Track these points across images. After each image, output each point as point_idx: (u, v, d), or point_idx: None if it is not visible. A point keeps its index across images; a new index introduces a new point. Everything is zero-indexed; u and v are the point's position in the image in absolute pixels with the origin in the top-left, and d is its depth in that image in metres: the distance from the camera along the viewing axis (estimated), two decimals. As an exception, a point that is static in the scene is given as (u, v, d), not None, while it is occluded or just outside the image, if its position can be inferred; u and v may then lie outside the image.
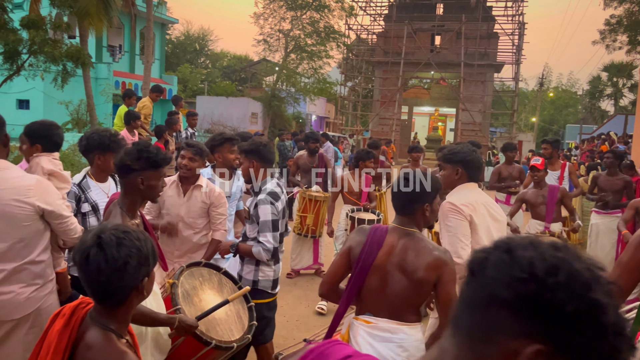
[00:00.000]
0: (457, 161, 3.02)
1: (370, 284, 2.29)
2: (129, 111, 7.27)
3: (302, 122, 30.24)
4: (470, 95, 27.54)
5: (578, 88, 49.50)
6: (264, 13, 23.38)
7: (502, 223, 3.08)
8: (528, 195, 5.30)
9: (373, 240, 2.30)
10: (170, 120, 8.14)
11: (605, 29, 29.47)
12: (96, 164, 3.30)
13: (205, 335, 2.54)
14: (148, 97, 8.70)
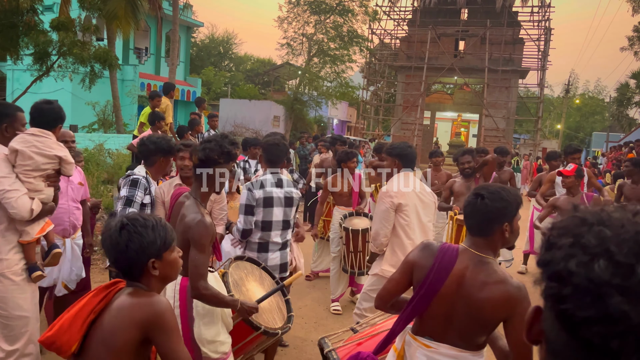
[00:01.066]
0: (395, 155, 3.74)
1: (433, 311, 2.09)
2: (154, 112, 7.40)
3: (323, 125, 30.31)
4: (494, 101, 27.23)
5: (605, 95, 48.45)
6: (288, 17, 23.56)
7: (429, 205, 3.82)
8: (560, 201, 5.24)
9: (441, 266, 2.06)
10: (193, 121, 8.27)
11: (634, 36, 28.89)
12: (158, 165, 3.67)
13: (255, 321, 2.78)
14: (165, 97, 8.80)
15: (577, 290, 0.66)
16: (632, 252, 0.66)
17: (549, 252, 0.72)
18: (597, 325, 0.64)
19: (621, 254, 0.65)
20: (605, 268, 0.65)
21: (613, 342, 0.63)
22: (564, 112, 42.36)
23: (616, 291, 0.63)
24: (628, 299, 0.62)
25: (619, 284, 0.64)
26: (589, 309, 0.64)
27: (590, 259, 0.66)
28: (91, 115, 16.29)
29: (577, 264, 0.66)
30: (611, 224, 0.70)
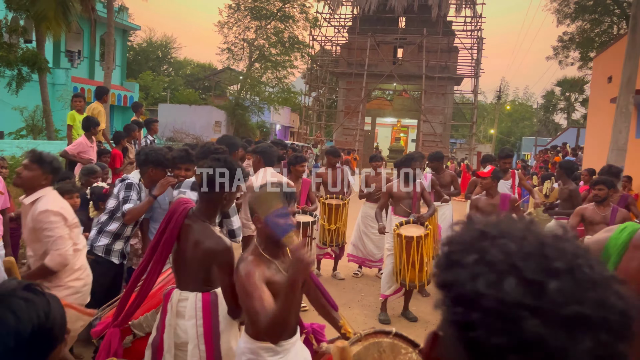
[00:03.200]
0: (258, 152, 4.59)
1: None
2: (88, 117, 7.11)
3: (266, 131, 30.20)
4: (432, 107, 28.16)
5: (533, 102, 51.29)
6: (228, 22, 23.38)
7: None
8: (480, 202, 5.43)
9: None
10: (129, 127, 8.02)
11: (559, 46, 30.72)
12: (149, 175, 3.88)
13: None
14: (97, 102, 8.49)
15: (488, 315, 0.57)
16: (540, 267, 0.59)
17: (451, 271, 0.63)
18: (512, 354, 0.56)
19: (529, 270, 0.59)
20: (515, 287, 0.57)
21: None
22: (496, 117, 44.39)
23: (529, 313, 0.56)
24: (543, 321, 0.56)
25: (531, 304, 0.56)
26: (501, 336, 0.56)
27: (499, 278, 0.58)
28: (19, 121, 15.40)
29: (487, 285, 0.58)
30: (513, 236, 0.63)
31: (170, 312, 2.53)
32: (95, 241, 3.81)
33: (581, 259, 0.61)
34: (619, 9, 26.41)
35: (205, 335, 2.49)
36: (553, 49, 31.22)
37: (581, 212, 5.27)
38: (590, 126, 16.37)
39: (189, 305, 2.49)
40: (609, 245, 1.69)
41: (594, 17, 27.64)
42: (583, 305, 0.56)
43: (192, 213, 2.59)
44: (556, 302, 0.56)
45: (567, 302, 0.56)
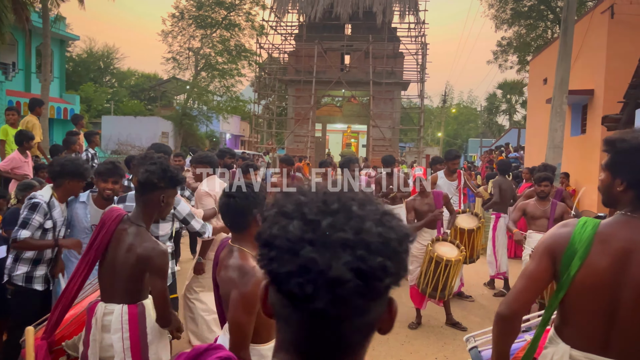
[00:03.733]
0: (205, 162, 4.65)
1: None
2: (21, 131, 6.76)
3: (215, 140, 29.78)
4: (380, 112, 28.63)
5: (477, 104, 53.12)
6: (172, 31, 22.94)
7: None
8: (416, 203, 5.54)
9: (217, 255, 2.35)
10: (69, 140, 7.69)
11: (498, 50, 31.94)
12: (65, 188, 3.62)
13: None
14: (31, 115, 8.10)
15: (279, 251, 0.73)
16: (320, 210, 0.75)
17: (263, 224, 0.79)
18: (295, 277, 0.70)
19: (311, 213, 0.74)
20: (298, 227, 0.73)
21: (307, 288, 0.69)
22: (442, 120, 45.67)
23: (307, 244, 0.71)
24: (316, 248, 0.70)
25: (309, 237, 0.72)
26: (288, 264, 0.71)
27: (287, 222, 0.74)
28: (-52, 138, 14.49)
29: (279, 229, 0.74)
30: (307, 193, 0.79)
31: (95, 327, 2.48)
32: (12, 270, 3.51)
33: (355, 201, 0.77)
34: (552, 14, 27.79)
35: (132, 348, 2.46)
36: (493, 54, 32.41)
37: (523, 207, 5.46)
38: (529, 126, 17.08)
39: (115, 318, 2.45)
40: (574, 240, 1.73)
41: (530, 22, 28.94)
42: (345, 232, 0.72)
43: (127, 218, 2.58)
44: (326, 233, 0.72)
45: (334, 232, 0.72)
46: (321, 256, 0.70)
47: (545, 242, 1.84)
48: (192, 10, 22.58)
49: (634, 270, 1.65)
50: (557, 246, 1.78)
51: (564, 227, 1.83)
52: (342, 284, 0.69)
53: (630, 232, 1.70)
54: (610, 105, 9.71)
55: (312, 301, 0.70)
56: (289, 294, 0.72)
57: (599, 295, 1.70)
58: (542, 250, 1.83)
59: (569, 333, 1.81)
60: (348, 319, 0.73)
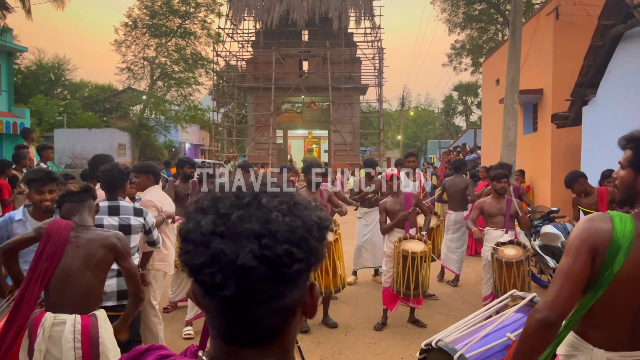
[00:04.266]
0: (148, 172, 4.65)
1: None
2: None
3: (175, 150, 29.27)
4: (340, 117, 28.83)
5: (434, 107, 54.26)
6: (126, 40, 22.43)
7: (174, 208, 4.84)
8: (388, 204, 5.60)
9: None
10: (18, 154, 7.41)
11: (452, 53, 32.74)
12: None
13: None
14: None
15: (193, 244, 0.76)
16: (232, 204, 0.79)
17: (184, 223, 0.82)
18: (206, 267, 0.74)
19: (224, 207, 0.78)
20: (211, 221, 0.77)
21: (218, 277, 0.74)
22: (401, 124, 46.39)
23: (218, 236, 0.75)
24: (224, 240, 0.74)
25: (220, 230, 0.75)
26: (201, 256, 0.75)
27: (201, 217, 0.78)
28: None
29: (194, 224, 0.78)
30: (224, 190, 0.83)
31: (42, 337, 2.46)
32: None
33: (267, 194, 0.81)
34: (501, 17, 28.72)
35: (84, 358, 2.50)
36: (447, 57, 33.21)
37: (480, 205, 5.59)
38: (484, 126, 17.55)
39: (67, 329, 2.47)
40: (617, 236, 1.70)
41: (481, 25, 29.82)
42: (252, 223, 0.76)
43: (77, 226, 2.68)
44: (234, 225, 0.75)
45: (242, 223, 0.75)
46: (229, 247, 0.74)
47: (583, 238, 1.73)
48: (146, 19, 22.14)
49: None
50: (600, 242, 1.70)
51: (599, 222, 1.75)
52: (248, 271, 0.73)
53: None
54: (558, 103, 10.09)
55: (222, 289, 0.74)
56: (202, 283, 0.76)
57: (634, 291, 1.69)
58: (580, 247, 1.71)
59: (599, 335, 1.76)
60: (260, 304, 0.76)
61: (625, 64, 7.67)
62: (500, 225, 5.50)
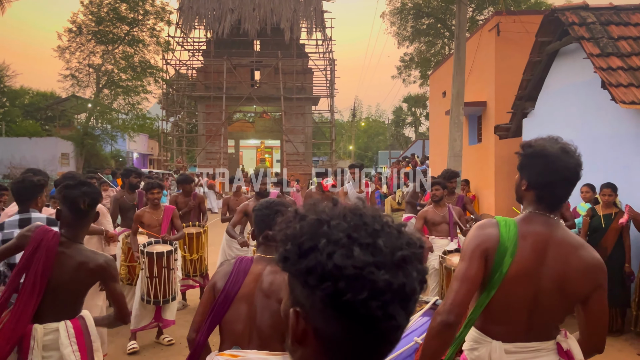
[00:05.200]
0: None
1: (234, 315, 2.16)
2: None
3: (122, 160, 28.39)
4: (292, 127, 28.89)
5: (385, 118, 55.29)
6: (70, 47, 21.59)
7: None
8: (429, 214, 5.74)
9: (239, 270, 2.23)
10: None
11: (401, 65, 33.56)
12: None
13: None
14: None
15: (350, 279, 0.73)
16: (367, 233, 0.78)
17: (308, 257, 0.77)
18: (373, 301, 0.73)
19: (362, 237, 0.77)
20: (360, 252, 0.75)
21: (390, 308, 0.74)
22: (353, 134, 46.96)
23: (375, 267, 0.73)
24: (385, 269, 0.74)
25: (373, 261, 0.74)
26: (363, 291, 0.72)
27: (348, 250, 0.75)
28: None
29: (342, 258, 0.74)
30: (338, 216, 0.81)
31: (37, 348, 2.49)
32: None
33: (384, 218, 0.82)
34: (448, 32, 29.72)
35: (83, 358, 2.59)
36: (397, 69, 34.02)
37: (423, 215, 5.74)
38: (432, 137, 18.05)
39: (62, 334, 2.54)
40: (503, 239, 1.85)
41: (429, 39, 30.75)
42: (402, 249, 0.77)
43: (64, 240, 2.63)
44: (387, 254, 0.75)
45: (393, 251, 0.76)
46: (395, 277, 0.74)
47: (475, 244, 1.88)
48: (91, 25, 21.42)
49: (551, 261, 1.82)
50: (489, 245, 1.85)
51: (488, 228, 1.91)
52: (411, 297, 0.77)
53: (542, 228, 1.87)
54: (501, 115, 10.52)
55: (393, 318, 0.75)
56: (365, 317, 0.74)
57: (525, 287, 1.83)
58: (473, 252, 1.86)
59: (497, 329, 1.90)
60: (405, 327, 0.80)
61: (560, 78, 8.10)
62: (445, 234, 5.66)
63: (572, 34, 7.13)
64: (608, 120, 6.82)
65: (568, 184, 1.89)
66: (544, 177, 1.88)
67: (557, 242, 1.84)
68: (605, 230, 5.50)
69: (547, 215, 1.90)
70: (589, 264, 1.82)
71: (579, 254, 1.83)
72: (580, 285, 1.81)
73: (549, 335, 1.89)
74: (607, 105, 6.46)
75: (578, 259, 1.82)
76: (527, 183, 1.93)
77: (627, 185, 6.03)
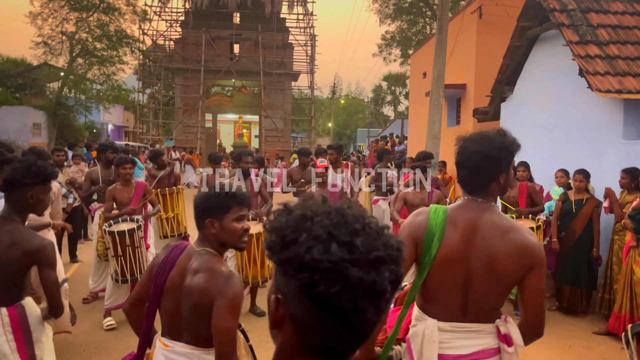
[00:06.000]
0: None
1: (165, 306, 2.17)
2: None
3: (96, 132, 27.80)
4: (271, 102, 28.65)
5: (365, 96, 55.24)
6: (42, 13, 20.81)
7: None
8: (409, 196, 5.75)
9: (166, 260, 2.17)
10: None
11: (382, 44, 33.42)
12: None
13: None
14: None
15: (325, 273, 0.79)
16: (347, 231, 0.83)
17: (289, 249, 0.83)
18: (344, 294, 0.79)
19: (342, 235, 0.82)
20: (337, 249, 0.80)
21: (360, 303, 0.80)
22: (332, 111, 46.87)
23: (350, 264, 0.79)
24: (359, 267, 0.80)
25: (349, 258, 0.80)
26: (336, 284, 0.79)
27: (326, 246, 0.81)
28: None
29: (319, 253, 0.80)
30: (322, 213, 0.86)
31: None
32: None
33: (366, 219, 0.87)
34: (430, 11, 29.62)
35: (19, 349, 2.50)
36: (378, 47, 33.87)
37: (403, 196, 5.81)
38: (411, 117, 18.14)
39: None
40: (430, 225, 1.97)
41: (410, 18, 30.62)
42: (379, 250, 0.82)
43: (1, 217, 2.52)
44: (364, 252, 0.81)
45: (369, 251, 0.82)
46: (367, 275, 0.80)
47: (407, 230, 2.02)
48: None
49: (479, 244, 1.92)
50: (418, 232, 1.98)
51: (419, 216, 2.05)
52: (382, 294, 0.82)
53: (471, 213, 1.97)
54: (480, 99, 10.62)
55: (363, 313, 0.81)
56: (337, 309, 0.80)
57: (456, 270, 1.94)
58: (405, 239, 1.95)
59: (434, 309, 2.02)
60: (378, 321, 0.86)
61: (539, 64, 8.20)
62: (424, 216, 5.76)
63: (553, 20, 7.20)
64: (584, 107, 6.96)
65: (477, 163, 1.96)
66: (457, 158, 2.03)
67: (486, 226, 1.93)
68: (575, 215, 5.67)
69: (477, 200, 2.00)
70: (518, 246, 1.88)
71: (509, 236, 1.90)
72: (511, 268, 1.88)
73: (488, 318, 1.98)
74: (584, 92, 6.59)
75: (507, 242, 1.89)
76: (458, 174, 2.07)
77: (599, 171, 6.20)
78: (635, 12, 7.30)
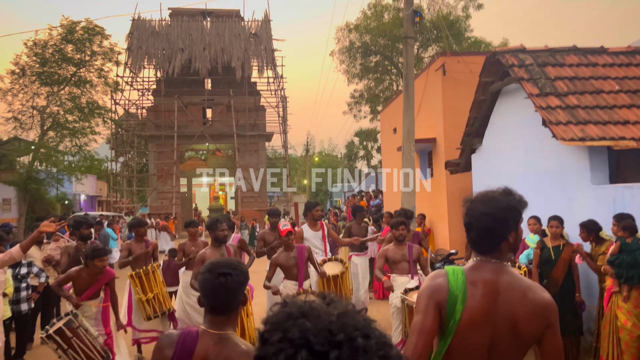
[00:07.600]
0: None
1: None
2: None
3: (68, 203, 27.28)
4: (246, 163, 28.80)
5: (338, 152, 56.02)
6: (12, 89, 20.82)
7: None
8: (280, 259, 5.67)
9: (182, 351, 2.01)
10: None
11: (352, 101, 34.35)
12: None
13: None
14: None
15: None
16: (327, 340, 0.76)
17: (262, 347, 0.78)
18: None
19: (318, 343, 0.75)
20: (306, 358, 0.73)
21: None
22: (307, 169, 47.21)
23: None
24: None
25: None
26: None
27: (295, 352, 0.75)
28: None
29: (285, 358, 0.74)
30: (311, 315, 0.81)
31: None
32: None
33: (359, 331, 0.79)
34: (395, 69, 30.78)
35: None
36: (348, 105, 34.76)
37: (384, 253, 5.80)
38: (385, 171, 18.40)
39: None
40: (452, 288, 1.92)
41: (377, 76, 31.73)
42: None
43: None
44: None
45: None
46: None
47: (428, 295, 1.95)
48: (36, 66, 20.80)
49: (502, 306, 1.89)
50: (440, 295, 1.92)
51: (438, 278, 1.98)
52: None
53: (488, 274, 1.94)
54: (450, 151, 10.90)
55: None
56: None
57: (481, 333, 1.89)
58: (427, 304, 1.92)
59: None
60: None
61: (504, 116, 8.52)
62: (405, 271, 5.73)
63: (513, 75, 7.55)
64: (551, 156, 7.20)
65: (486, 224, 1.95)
66: (465, 220, 2.01)
67: (506, 287, 1.92)
68: (555, 262, 5.73)
69: (490, 261, 1.98)
70: (537, 305, 1.89)
71: (528, 296, 1.90)
72: (532, 327, 1.88)
73: None
74: (549, 141, 6.83)
75: (527, 301, 1.89)
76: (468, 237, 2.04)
77: (570, 217, 6.33)
78: (590, 63, 7.72)
